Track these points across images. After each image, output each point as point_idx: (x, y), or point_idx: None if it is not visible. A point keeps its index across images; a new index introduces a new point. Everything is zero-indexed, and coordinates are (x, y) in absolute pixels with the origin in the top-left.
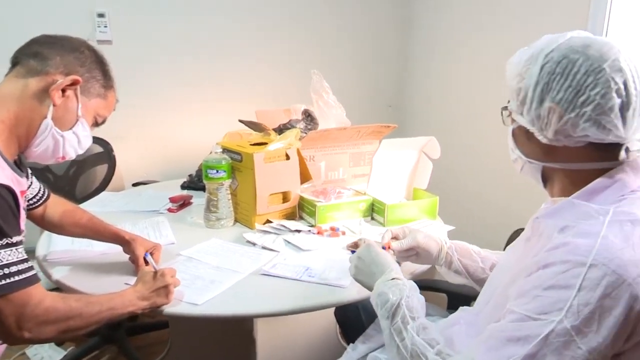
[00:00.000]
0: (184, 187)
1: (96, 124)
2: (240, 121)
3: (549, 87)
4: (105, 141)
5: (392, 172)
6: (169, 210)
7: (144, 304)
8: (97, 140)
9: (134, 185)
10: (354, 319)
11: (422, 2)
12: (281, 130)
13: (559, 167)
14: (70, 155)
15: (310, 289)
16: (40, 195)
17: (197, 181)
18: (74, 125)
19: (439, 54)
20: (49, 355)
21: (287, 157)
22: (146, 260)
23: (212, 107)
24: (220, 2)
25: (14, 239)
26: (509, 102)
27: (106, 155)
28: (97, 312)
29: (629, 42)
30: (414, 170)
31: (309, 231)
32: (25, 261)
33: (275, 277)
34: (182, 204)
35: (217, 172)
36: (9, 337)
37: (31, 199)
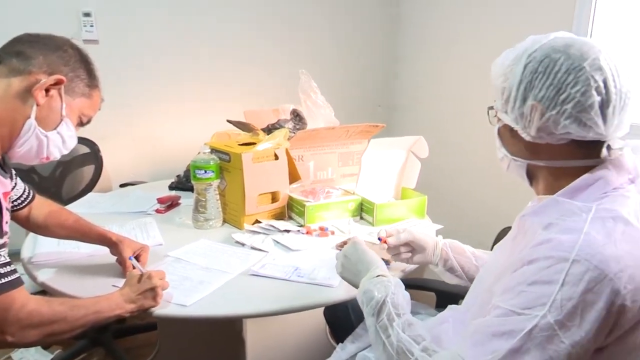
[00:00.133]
0: (172, 187)
1: (81, 124)
2: (228, 121)
3: (531, 86)
4: (92, 142)
5: (380, 172)
6: (157, 211)
7: (131, 307)
8: (84, 140)
9: (122, 186)
10: (343, 319)
11: (411, 2)
12: (270, 130)
13: (543, 164)
14: (54, 155)
15: (299, 289)
16: (25, 196)
17: (186, 182)
18: (58, 125)
19: (428, 54)
20: (35, 359)
21: (276, 157)
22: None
23: (200, 107)
24: (208, 2)
25: None
26: (495, 102)
27: (93, 155)
28: (82, 316)
29: (613, 42)
30: (403, 169)
31: (298, 231)
32: (8, 264)
33: (264, 277)
34: (170, 205)
35: (205, 172)
36: None
37: (15, 200)
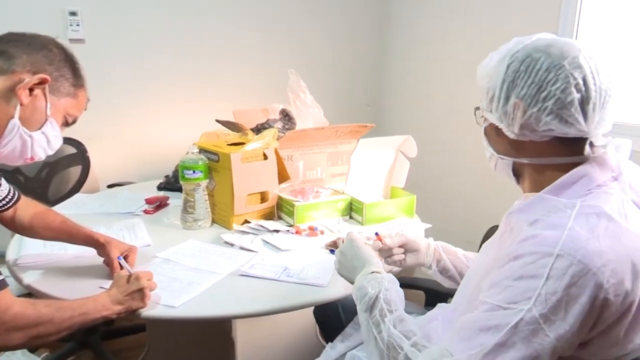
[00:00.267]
0: (160, 188)
1: (66, 124)
2: (217, 121)
3: (514, 85)
4: (78, 142)
5: (369, 171)
6: (145, 211)
7: (118, 308)
8: (71, 141)
9: (109, 186)
10: (333, 318)
11: (399, 2)
12: (259, 130)
13: (528, 162)
14: (39, 156)
15: (288, 288)
16: (10, 197)
17: (174, 182)
18: (42, 125)
19: (416, 54)
20: None
21: (265, 157)
22: (120, 263)
23: (189, 106)
24: (197, 1)
25: None
26: (481, 102)
27: (80, 156)
28: (68, 318)
29: (599, 43)
30: (392, 169)
31: (288, 231)
32: None
33: (253, 277)
34: (158, 206)
35: (194, 172)
36: None
37: (0, 202)
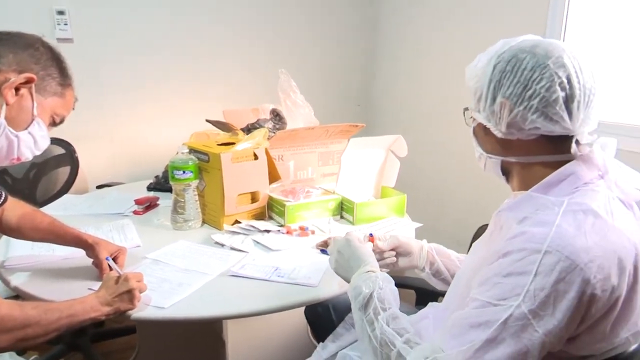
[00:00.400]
0: (150, 188)
1: (54, 124)
2: (207, 121)
3: (500, 84)
4: (67, 142)
5: (360, 171)
6: (135, 212)
7: (107, 310)
8: (59, 141)
9: (98, 187)
10: (324, 318)
11: (389, 2)
12: (249, 130)
13: (516, 160)
14: (26, 156)
15: (279, 289)
16: None
17: (164, 182)
18: (29, 125)
19: (406, 53)
20: None
21: (255, 157)
22: (109, 264)
23: (179, 106)
24: (188, 1)
25: None
26: (470, 103)
27: (68, 156)
28: (56, 320)
29: (586, 44)
30: (382, 168)
31: (278, 231)
32: None
33: (244, 278)
34: (148, 206)
35: (184, 172)
36: None
37: None
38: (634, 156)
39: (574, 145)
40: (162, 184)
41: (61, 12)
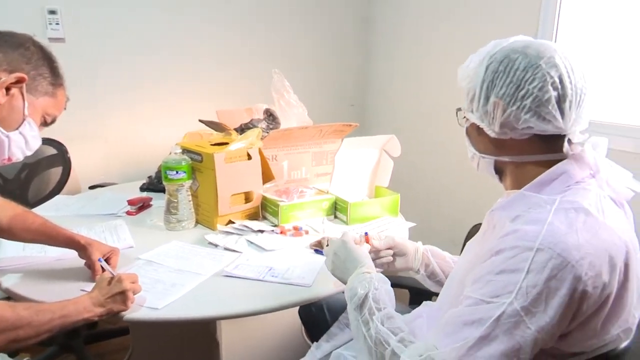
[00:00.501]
0: (143, 189)
1: (45, 124)
2: (200, 121)
3: (493, 85)
4: (59, 143)
5: (354, 171)
6: (128, 213)
7: (100, 311)
8: (51, 141)
9: (91, 188)
10: (318, 318)
11: (383, 2)
12: (242, 130)
13: (509, 159)
14: (17, 156)
15: (273, 289)
16: None
17: (157, 183)
18: (20, 125)
19: (400, 53)
20: None
21: (249, 157)
22: (102, 265)
23: (172, 106)
24: (180, 0)
25: None
26: (463, 103)
27: (60, 157)
28: (48, 321)
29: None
30: (376, 168)
31: (272, 231)
32: None
33: (238, 278)
34: (141, 207)
35: (177, 173)
36: None
37: None
38: (624, 155)
39: (566, 144)
40: (155, 185)
41: (53, 12)
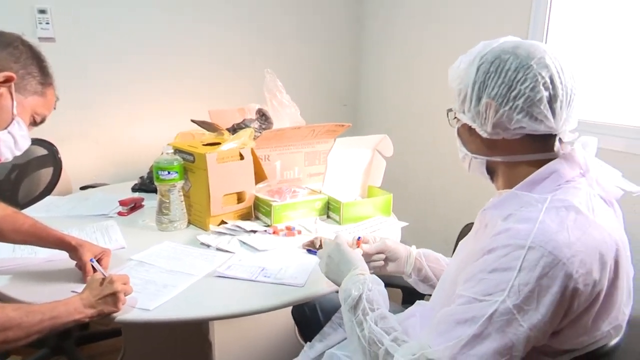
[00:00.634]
0: (135, 189)
1: (35, 123)
2: (192, 121)
3: (484, 85)
4: (50, 143)
5: (346, 171)
6: (119, 213)
7: (91, 312)
8: (42, 142)
9: (82, 188)
10: (311, 318)
11: (375, 1)
12: (235, 130)
13: (501, 159)
14: (5, 156)
15: (266, 289)
16: None
17: (149, 183)
18: (9, 124)
19: (392, 53)
20: None
21: (241, 157)
22: (94, 266)
23: (164, 106)
24: (172, 0)
25: None
26: (453, 104)
27: (51, 157)
28: (38, 322)
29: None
30: (368, 168)
31: (265, 231)
32: None
33: (230, 278)
34: (133, 207)
35: (169, 173)
36: None
37: None
38: (614, 154)
39: (557, 143)
40: (147, 185)
41: (43, 11)
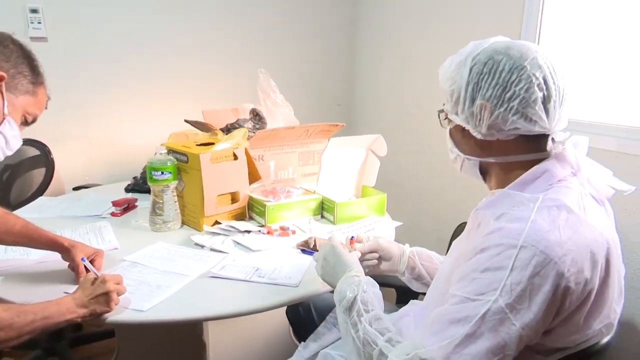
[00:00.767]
0: (128, 190)
1: (26, 123)
2: (186, 121)
3: (478, 87)
4: (42, 143)
5: (340, 170)
6: (112, 214)
7: (83, 312)
8: (34, 142)
9: (75, 189)
10: (305, 318)
11: (369, 2)
12: (229, 130)
13: (494, 160)
14: None
15: (260, 289)
16: None
17: (142, 183)
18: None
19: (387, 52)
20: None
21: (235, 157)
22: (86, 266)
23: (157, 106)
24: (165, 0)
25: None
26: (444, 105)
27: (43, 158)
28: (29, 322)
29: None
30: (362, 168)
31: (259, 231)
32: None
33: (224, 279)
34: (126, 208)
35: (162, 173)
36: None
37: None
38: (605, 154)
39: (550, 142)
40: (140, 185)
41: (34, 11)
